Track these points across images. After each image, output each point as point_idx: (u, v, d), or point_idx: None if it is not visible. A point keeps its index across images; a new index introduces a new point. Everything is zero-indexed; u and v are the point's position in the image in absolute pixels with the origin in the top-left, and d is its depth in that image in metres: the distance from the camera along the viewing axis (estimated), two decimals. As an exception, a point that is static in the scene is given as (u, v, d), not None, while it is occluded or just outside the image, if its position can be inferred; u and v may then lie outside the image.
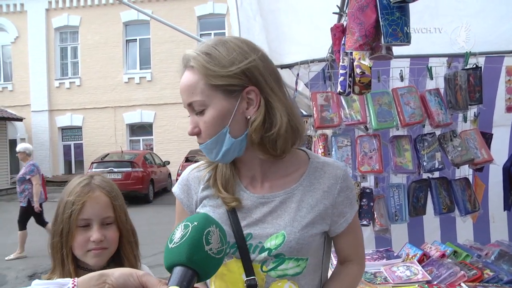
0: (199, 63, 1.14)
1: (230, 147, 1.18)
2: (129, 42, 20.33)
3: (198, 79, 1.15)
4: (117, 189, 1.43)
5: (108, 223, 1.36)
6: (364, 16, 1.60)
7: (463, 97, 2.88)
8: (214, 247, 0.86)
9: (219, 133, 1.17)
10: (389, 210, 2.91)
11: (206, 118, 1.16)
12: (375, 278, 2.28)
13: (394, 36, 1.52)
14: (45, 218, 7.87)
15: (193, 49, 1.19)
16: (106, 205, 1.36)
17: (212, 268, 0.86)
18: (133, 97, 19.69)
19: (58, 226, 1.33)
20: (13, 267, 6.74)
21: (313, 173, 1.26)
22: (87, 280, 0.83)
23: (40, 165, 20.68)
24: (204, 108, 1.16)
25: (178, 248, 0.84)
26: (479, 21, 2.70)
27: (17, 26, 20.41)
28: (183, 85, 1.18)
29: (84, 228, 1.33)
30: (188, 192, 1.31)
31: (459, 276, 2.17)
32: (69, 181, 1.41)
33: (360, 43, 1.66)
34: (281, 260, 1.19)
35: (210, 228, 0.87)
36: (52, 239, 1.35)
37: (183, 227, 0.87)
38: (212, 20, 19.56)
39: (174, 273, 0.82)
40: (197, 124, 1.19)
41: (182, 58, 1.20)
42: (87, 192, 1.34)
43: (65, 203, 1.34)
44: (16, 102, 20.14)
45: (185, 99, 1.18)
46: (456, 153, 2.89)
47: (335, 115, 2.79)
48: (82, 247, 1.32)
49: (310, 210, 1.22)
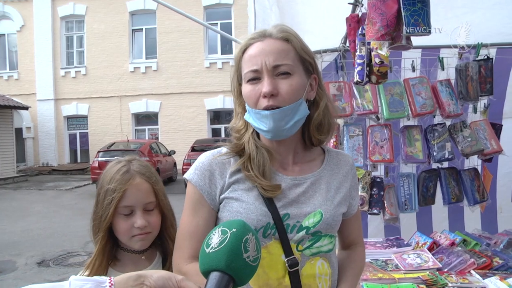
0: (295, 37, 1.27)
1: (300, 119, 1.26)
2: (135, 32, 20.32)
3: (290, 48, 1.25)
4: (155, 172, 1.46)
5: (150, 208, 1.39)
6: (385, 6, 1.63)
7: (474, 88, 2.90)
8: (251, 254, 0.86)
9: (297, 102, 1.24)
10: (399, 199, 2.94)
11: (293, 82, 1.23)
12: (386, 265, 2.32)
13: (416, 26, 1.55)
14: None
15: (277, 27, 1.29)
16: (147, 191, 1.39)
17: (247, 276, 0.87)
18: (139, 86, 19.72)
19: (98, 211, 1.38)
20: (23, 254, 6.84)
21: (332, 160, 1.40)
22: (125, 280, 0.83)
23: (45, 153, 20.73)
24: (290, 73, 1.23)
25: (217, 253, 0.84)
26: (494, 13, 2.71)
27: (22, 15, 20.42)
28: (274, 49, 1.23)
29: (127, 215, 1.36)
30: (211, 178, 1.30)
31: (469, 263, 2.21)
32: (106, 167, 1.44)
33: (381, 33, 1.68)
34: (317, 237, 1.27)
35: (248, 236, 0.88)
36: (92, 223, 1.41)
37: (221, 232, 0.87)
38: (219, 10, 19.51)
39: (212, 279, 0.83)
40: (276, 87, 1.22)
41: (268, 30, 1.28)
42: (127, 179, 1.36)
43: (105, 190, 1.36)
44: (22, 91, 20.24)
45: (272, 61, 1.22)
46: (466, 144, 2.91)
47: (347, 105, 2.82)
48: (127, 233, 1.37)
49: (337, 191, 1.34)
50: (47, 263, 6.42)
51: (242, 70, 1.28)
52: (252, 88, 1.24)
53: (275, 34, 1.26)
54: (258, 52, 1.23)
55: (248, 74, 1.24)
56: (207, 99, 19.38)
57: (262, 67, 1.21)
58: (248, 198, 1.26)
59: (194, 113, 19.51)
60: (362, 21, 2.16)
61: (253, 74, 1.23)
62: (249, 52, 1.26)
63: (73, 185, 15.30)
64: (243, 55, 1.28)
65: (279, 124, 1.22)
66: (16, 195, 13.52)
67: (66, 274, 5.96)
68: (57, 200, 12.43)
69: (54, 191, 14.24)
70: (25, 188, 14.88)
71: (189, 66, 19.44)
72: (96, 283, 0.81)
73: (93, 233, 1.41)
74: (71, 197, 12.86)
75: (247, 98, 1.26)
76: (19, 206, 11.35)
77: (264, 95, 1.21)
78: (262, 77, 1.22)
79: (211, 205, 1.29)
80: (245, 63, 1.26)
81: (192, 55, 19.43)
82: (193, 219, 1.29)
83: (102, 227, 1.36)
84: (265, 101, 1.21)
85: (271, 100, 1.20)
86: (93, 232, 1.41)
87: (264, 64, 1.21)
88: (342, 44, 2.97)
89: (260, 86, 1.22)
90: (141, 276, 0.83)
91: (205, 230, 1.27)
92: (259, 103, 1.23)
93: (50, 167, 19.70)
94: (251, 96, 1.24)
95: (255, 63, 1.22)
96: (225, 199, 1.29)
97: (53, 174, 18.93)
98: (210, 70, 19.43)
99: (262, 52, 1.22)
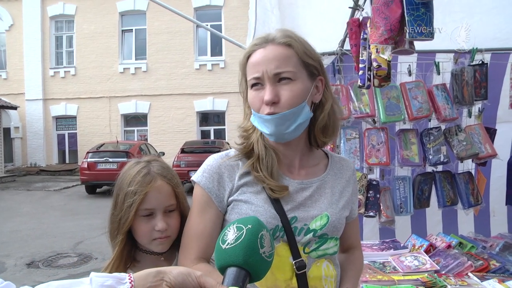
0: (297, 42, 1.27)
1: (303, 122, 1.27)
2: (125, 32, 20.16)
3: (293, 53, 1.26)
4: (175, 174, 1.42)
5: (170, 210, 1.36)
6: (389, 11, 1.64)
7: (469, 93, 2.94)
8: (267, 250, 0.88)
9: (299, 106, 1.25)
10: (395, 202, 2.97)
11: (294, 88, 1.24)
12: (384, 268, 2.34)
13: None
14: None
15: (280, 32, 1.29)
16: (168, 193, 1.36)
17: (263, 270, 0.88)
18: (128, 87, 19.58)
19: (117, 214, 1.34)
20: (12, 255, 6.74)
21: (335, 165, 1.43)
22: (144, 276, 0.83)
23: (34, 154, 20.51)
24: (292, 79, 1.24)
25: (234, 249, 0.85)
26: (491, 18, 2.75)
27: (11, 14, 20.16)
28: (275, 56, 1.24)
29: (148, 217, 1.33)
30: (220, 180, 1.30)
31: (466, 266, 2.24)
32: (124, 168, 1.40)
33: (385, 37, 1.70)
34: (324, 240, 1.30)
35: (263, 232, 0.89)
36: (110, 226, 1.37)
37: (236, 229, 0.88)
38: (209, 11, 19.46)
39: (229, 274, 0.84)
40: (278, 94, 1.23)
41: (271, 35, 1.28)
42: (149, 182, 1.32)
43: (125, 192, 1.32)
44: (10, 91, 19.95)
45: (273, 68, 1.23)
46: (461, 147, 2.94)
47: (344, 108, 2.83)
48: (147, 236, 1.33)
49: (340, 196, 1.37)
50: (36, 264, 6.34)
51: (247, 76, 1.30)
52: (256, 94, 1.26)
53: (278, 39, 1.26)
54: (260, 59, 1.25)
55: (251, 81, 1.27)
56: (196, 101, 19.32)
57: (263, 75, 1.24)
58: (257, 200, 1.27)
59: (183, 114, 19.43)
60: (363, 25, 2.18)
61: (256, 81, 1.26)
62: (252, 59, 1.27)
63: (62, 185, 15.11)
64: (247, 61, 1.30)
65: (281, 128, 1.25)
66: (4, 195, 13.33)
67: (56, 275, 5.89)
68: (46, 200, 12.28)
69: (42, 191, 14.07)
70: (13, 189, 14.68)
71: (178, 68, 19.36)
72: (116, 279, 0.81)
73: (110, 236, 1.37)
74: (59, 197, 12.71)
75: (251, 103, 1.29)
76: (7, 207, 11.20)
77: (266, 103, 1.23)
78: (264, 84, 1.25)
79: (219, 207, 1.30)
80: (249, 70, 1.28)
81: (182, 56, 19.35)
82: (201, 220, 1.30)
83: (121, 231, 1.33)
84: (267, 108, 1.23)
85: (272, 108, 1.23)
86: (111, 235, 1.37)
87: (265, 72, 1.23)
88: (340, 47, 2.99)
89: (262, 93, 1.24)
90: (161, 272, 0.83)
91: (212, 231, 1.29)
92: (262, 109, 1.25)
93: (38, 168, 19.46)
94: (255, 102, 1.27)
95: (257, 70, 1.25)
96: (233, 202, 1.30)
97: (41, 175, 18.70)
98: (199, 71, 19.38)
99: (264, 59, 1.24)
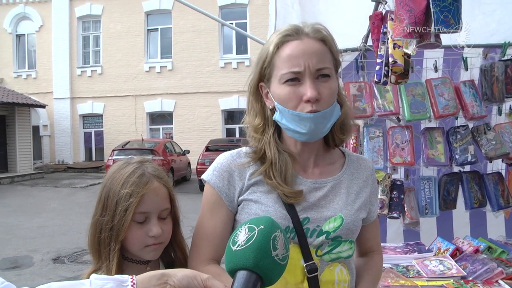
0: (330, 39, 1.24)
1: (334, 121, 1.24)
2: (150, 32, 20.44)
3: (327, 50, 1.22)
4: (168, 177, 1.32)
5: (164, 216, 1.25)
6: (413, 2, 1.56)
7: (499, 89, 2.80)
8: (280, 253, 0.82)
9: (334, 104, 1.22)
10: (420, 203, 2.86)
11: (332, 85, 1.21)
12: (407, 272, 2.25)
13: (446, 23, 1.48)
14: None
15: (310, 25, 1.24)
16: (164, 196, 1.25)
17: (276, 275, 0.82)
18: (154, 86, 19.83)
19: (108, 220, 1.19)
20: (39, 250, 6.91)
21: (352, 164, 1.36)
22: (147, 279, 0.80)
23: (61, 151, 21.08)
24: (329, 76, 1.20)
25: (244, 251, 0.80)
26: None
27: (41, 15, 20.76)
28: (316, 51, 1.19)
29: (141, 222, 1.21)
30: (230, 179, 1.26)
31: (496, 272, 2.11)
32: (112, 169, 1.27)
33: (409, 31, 1.61)
34: (337, 242, 1.23)
35: (277, 233, 0.83)
36: (98, 234, 1.21)
37: (248, 229, 0.83)
38: (234, 9, 19.51)
39: (239, 278, 0.79)
40: (319, 91, 1.17)
41: (303, 27, 1.22)
42: (145, 183, 1.20)
43: (118, 195, 1.18)
44: (39, 90, 20.55)
45: (315, 63, 1.17)
46: (490, 147, 2.81)
47: (368, 106, 2.75)
48: (140, 243, 1.21)
49: (357, 196, 1.30)
50: (62, 260, 6.48)
51: (276, 68, 1.21)
52: (292, 90, 1.18)
53: (312, 33, 1.20)
54: (299, 52, 1.17)
55: (288, 75, 1.18)
56: (221, 99, 19.39)
57: (305, 69, 1.16)
58: (267, 200, 1.22)
59: (208, 112, 19.54)
60: (386, 19, 2.09)
61: (294, 75, 1.17)
62: (287, 51, 1.19)
63: (88, 183, 15.44)
64: (278, 51, 1.20)
65: (319, 127, 1.20)
66: (32, 191, 13.71)
67: (81, 271, 5.95)
68: (72, 197, 12.56)
69: (69, 188, 14.40)
70: (41, 185, 15.09)
71: (204, 66, 19.47)
72: (117, 283, 0.79)
73: (101, 245, 1.20)
74: (85, 194, 12.97)
75: (286, 100, 1.19)
76: (36, 203, 11.51)
77: (308, 100, 1.15)
78: (302, 79, 1.17)
79: (229, 207, 1.26)
80: (283, 63, 1.19)
81: (207, 55, 19.46)
82: (211, 220, 1.26)
83: (117, 239, 1.18)
84: (309, 105, 1.16)
85: (314, 105, 1.16)
86: (102, 243, 1.20)
87: (307, 66, 1.16)
88: (363, 43, 2.90)
89: (302, 89, 1.17)
90: (165, 275, 0.81)
91: (222, 232, 1.25)
92: (301, 107, 1.17)
93: (65, 165, 19.94)
94: (291, 99, 1.18)
95: (297, 64, 1.16)
96: (243, 201, 1.25)
97: (69, 172, 19.17)
98: (224, 70, 19.43)
99: (304, 53, 1.17)
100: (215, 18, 3.64)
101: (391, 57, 1.97)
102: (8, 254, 6.62)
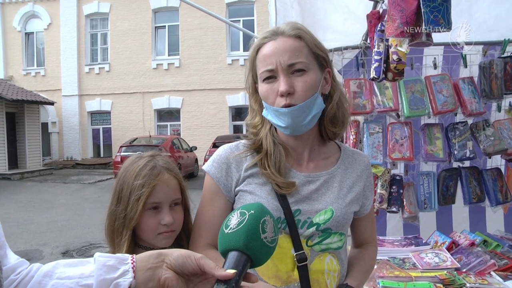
0: (307, 34, 1.29)
1: (317, 113, 1.28)
2: (158, 29, 20.52)
3: (303, 45, 1.27)
4: (178, 169, 1.43)
5: (176, 204, 1.35)
6: (405, 3, 1.62)
7: (498, 86, 2.83)
8: (269, 235, 0.88)
9: (312, 96, 1.25)
10: (419, 197, 2.91)
11: (308, 79, 1.25)
12: (403, 264, 2.30)
13: (436, 22, 1.53)
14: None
15: (288, 24, 1.30)
16: (175, 187, 1.35)
17: (265, 256, 0.88)
18: (161, 83, 19.93)
19: (122, 209, 1.29)
20: (49, 244, 7.03)
21: (347, 159, 1.41)
22: (146, 258, 0.86)
23: (70, 148, 21.24)
24: (305, 70, 1.25)
25: (235, 234, 0.86)
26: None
27: (50, 13, 20.92)
28: (287, 47, 1.25)
29: (153, 211, 1.31)
30: (228, 170, 1.34)
31: (489, 264, 2.17)
32: (126, 163, 1.37)
33: (401, 30, 1.67)
34: (327, 234, 1.29)
35: (266, 218, 0.89)
36: (113, 223, 1.32)
37: (239, 214, 0.89)
38: (241, 7, 19.51)
39: (230, 258, 0.85)
40: (292, 85, 1.24)
41: (280, 28, 1.29)
42: (156, 175, 1.30)
43: (131, 186, 1.29)
44: (48, 87, 20.74)
45: (287, 60, 1.23)
46: (488, 143, 2.85)
47: (368, 102, 2.80)
48: (153, 230, 1.30)
49: (349, 190, 1.35)
50: (71, 254, 6.59)
51: (257, 69, 1.30)
52: (269, 87, 1.26)
53: (287, 31, 1.27)
54: (272, 51, 1.25)
55: (264, 73, 1.26)
56: (229, 96, 19.45)
57: (277, 67, 1.23)
58: (261, 192, 1.29)
59: (215, 109, 19.60)
60: (383, 17, 2.14)
61: (269, 73, 1.25)
62: (263, 51, 1.28)
63: (96, 179, 15.61)
64: (257, 55, 1.30)
65: (297, 120, 1.25)
66: (42, 187, 13.88)
67: (89, 265, 6.10)
68: (81, 193, 12.70)
69: (78, 184, 14.57)
70: (50, 181, 15.26)
71: (211, 63, 19.53)
72: (119, 260, 0.85)
73: (115, 233, 1.31)
74: (94, 190, 13.13)
75: (265, 97, 1.28)
76: (45, 198, 11.67)
77: (281, 94, 1.23)
78: (277, 76, 1.24)
79: (227, 196, 1.33)
80: (260, 63, 1.28)
81: (214, 52, 19.51)
82: (210, 209, 1.34)
83: (129, 226, 1.28)
84: (283, 100, 1.23)
85: (288, 99, 1.23)
86: (116, 232, 1.31)
87: (279, 63, 1.23)
88: (363, 41, 2.95)
89: (276, 85, 1.24)
90: (162, 254, 0.86)
91: (220, 220, 1.28)
92: (277, 102, 1.25)
93: (74, 161, 20.14)
94: (268, 95, 1.27)
95: (270, 62, 1.24)
96: (240, 192, 1.32)
97: (77, 168, 19.36)
98: (232, 67, 19.48)
99: (276, 51, 1.24)
100: (220, 18, 3.69)
101: (395, 55, 2.01)
102: (19, 247, 6.74)
